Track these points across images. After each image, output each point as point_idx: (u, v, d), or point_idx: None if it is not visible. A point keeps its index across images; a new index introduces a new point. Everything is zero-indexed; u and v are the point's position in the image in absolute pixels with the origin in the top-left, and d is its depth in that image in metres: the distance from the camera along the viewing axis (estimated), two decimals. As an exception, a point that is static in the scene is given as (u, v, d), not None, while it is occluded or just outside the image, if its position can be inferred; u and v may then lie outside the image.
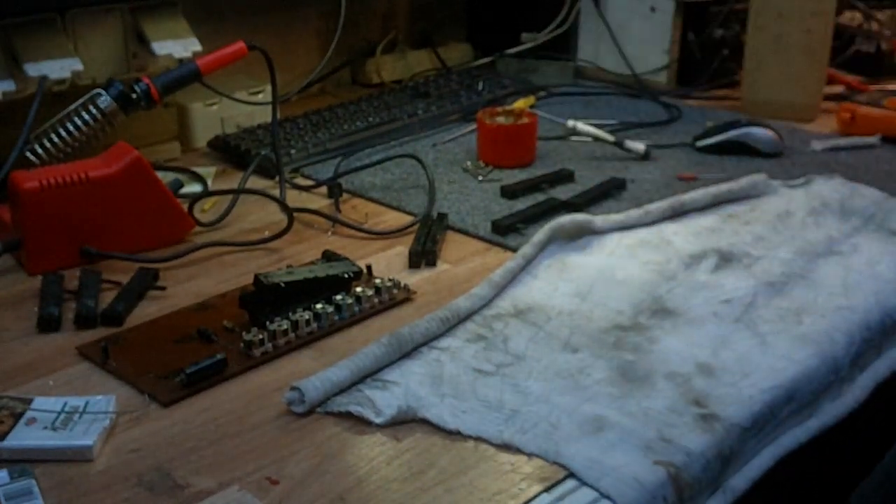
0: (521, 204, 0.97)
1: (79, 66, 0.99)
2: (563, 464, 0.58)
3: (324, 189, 1.01)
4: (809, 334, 0.73)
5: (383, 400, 0.64)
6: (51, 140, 0.94)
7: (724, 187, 0.97)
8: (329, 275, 0.77)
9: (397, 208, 0.97)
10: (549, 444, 0.60)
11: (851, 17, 1.43)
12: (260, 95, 1.19)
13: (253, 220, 0.95)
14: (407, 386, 0.66)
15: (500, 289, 0.79)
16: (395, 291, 0.78)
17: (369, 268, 0.81)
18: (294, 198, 0.99)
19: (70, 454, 0.58)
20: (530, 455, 0.59)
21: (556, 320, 0.75)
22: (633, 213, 0.91)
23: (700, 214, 0.94)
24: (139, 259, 0.84)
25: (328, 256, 0.83)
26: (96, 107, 0.94)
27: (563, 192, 1.00)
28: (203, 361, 0.67)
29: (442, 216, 0.92)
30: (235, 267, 0.85)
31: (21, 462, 0.57)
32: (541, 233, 0.85)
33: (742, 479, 0.62)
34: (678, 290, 0.79)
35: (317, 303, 0.74)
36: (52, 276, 0.79)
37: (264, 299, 0.74)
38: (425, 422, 0.62)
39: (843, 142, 1.15)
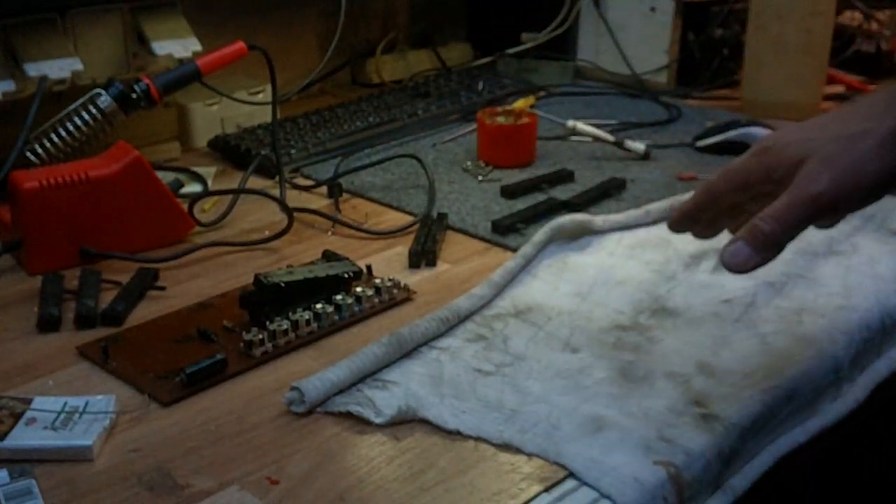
0: (521, 204, 0.97)
1: (79, 66, 0.99)
2: (563, 464, 0.58)
3: (324, 189, 1.01)
4: (809, 334, 0.73)
5: (383, 400, 0.64)
6: (51, 140, 0.94)
7: (724, 187, 0.97)
8: (329, 275, 0.77)
9: (397, 208, 0.97)
10: (549, 444, 0.60)
11: (851, 17, 1.43)
12: (260, 95, 1.19)
13: (253, 220, 0.95)
14: (407, 386, 0.66)
15: (500, 289, 0.79)
16: (395, 291, 0.78)
17: (369, 268, 0.81)
18: (294, 198, 0.99)
19: (70, 454, 0.58)
20: (530, 455, 0.59)
21: (556, 320, 0.75)
22: (633, 213, 0.91)
23: (700, 214, 0.94)
24: (139, 259, 0.84)
25: (328, 256, 0.83)
26: (96, 107, 0.94)
27: (563, 192, 1.00)
28: (203, 361, 0.67)
29: (442, 216, 0.92)
30: (235, 267, 0.85)
31: (21, 462, 0.57)
32: (541, 233, 0.85)
33: (742, 479, 0.62)
34: (678, 290, 0.79)
35: (317, 303, 0.74)
36: (52, 276, 0.79)
37: (264, 299, 0.74)
38: (425, 422, 0.62)
39: (843, 142, 1.15)
